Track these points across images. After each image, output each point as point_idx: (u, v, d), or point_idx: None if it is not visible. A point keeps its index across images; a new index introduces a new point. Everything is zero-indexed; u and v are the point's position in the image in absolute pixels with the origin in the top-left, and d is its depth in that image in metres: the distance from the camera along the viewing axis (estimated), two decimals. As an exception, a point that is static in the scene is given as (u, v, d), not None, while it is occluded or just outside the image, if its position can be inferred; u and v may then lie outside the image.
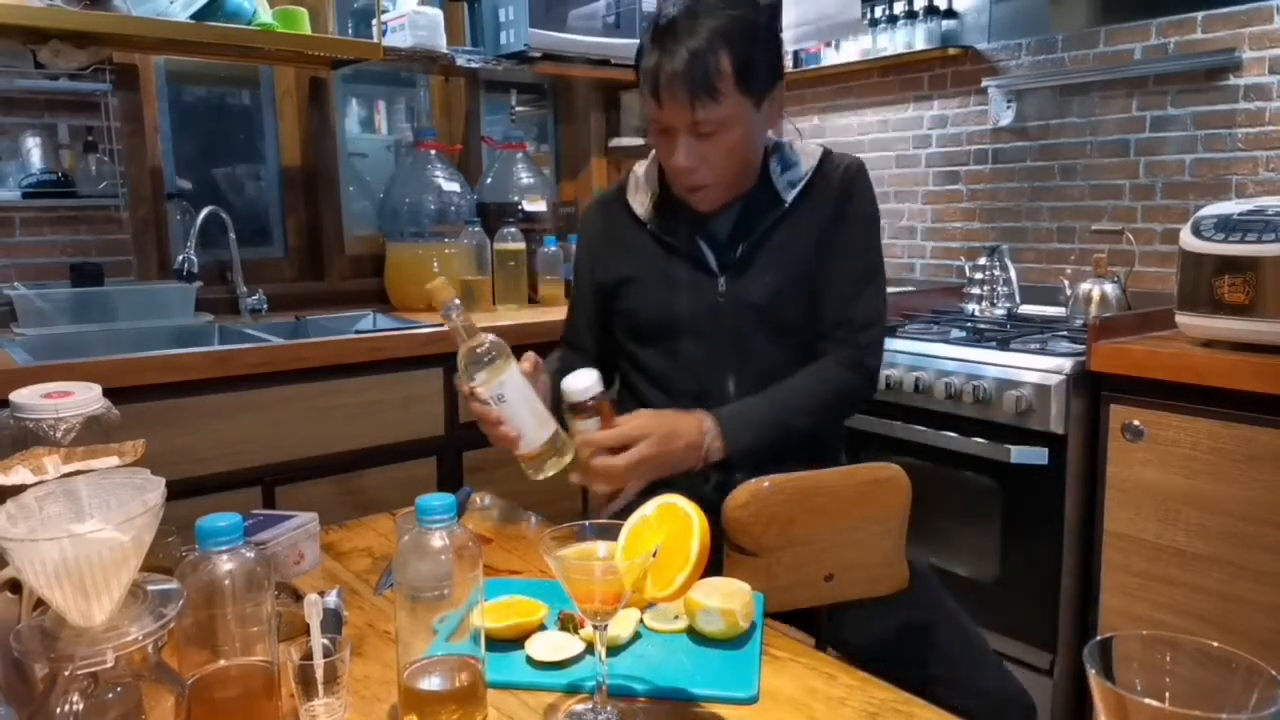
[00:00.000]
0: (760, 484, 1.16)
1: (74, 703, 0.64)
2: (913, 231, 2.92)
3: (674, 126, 1.24)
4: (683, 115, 1.22)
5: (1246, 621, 1.66)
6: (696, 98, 1.20)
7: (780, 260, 1.32)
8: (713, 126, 1.22)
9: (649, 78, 1.23)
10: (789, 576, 1.16)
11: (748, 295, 1.31)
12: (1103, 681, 0.55)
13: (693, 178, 1.27)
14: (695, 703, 0.88)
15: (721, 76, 1.20)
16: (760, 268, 1.32)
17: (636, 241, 1.39)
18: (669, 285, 1.35)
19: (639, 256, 1.38)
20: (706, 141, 1.24)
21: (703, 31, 1.19)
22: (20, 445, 0.85)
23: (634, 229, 1.40)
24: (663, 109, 1.23)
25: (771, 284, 1.31)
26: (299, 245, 2.76)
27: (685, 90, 1.19)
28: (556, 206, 2.87)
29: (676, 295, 1.34)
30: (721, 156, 1.25)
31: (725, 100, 1.21)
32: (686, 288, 1.34)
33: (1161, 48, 2.30)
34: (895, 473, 1.23)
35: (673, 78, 1.19)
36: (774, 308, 1.31)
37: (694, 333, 1.34)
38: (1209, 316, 1.71)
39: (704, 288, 1.33)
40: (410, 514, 0.87)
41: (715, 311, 1.33)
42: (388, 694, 0.89)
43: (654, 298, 1.36)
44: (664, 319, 1.35)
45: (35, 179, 2.20)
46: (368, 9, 2.46)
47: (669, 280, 1.35)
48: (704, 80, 1.19)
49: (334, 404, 2.01)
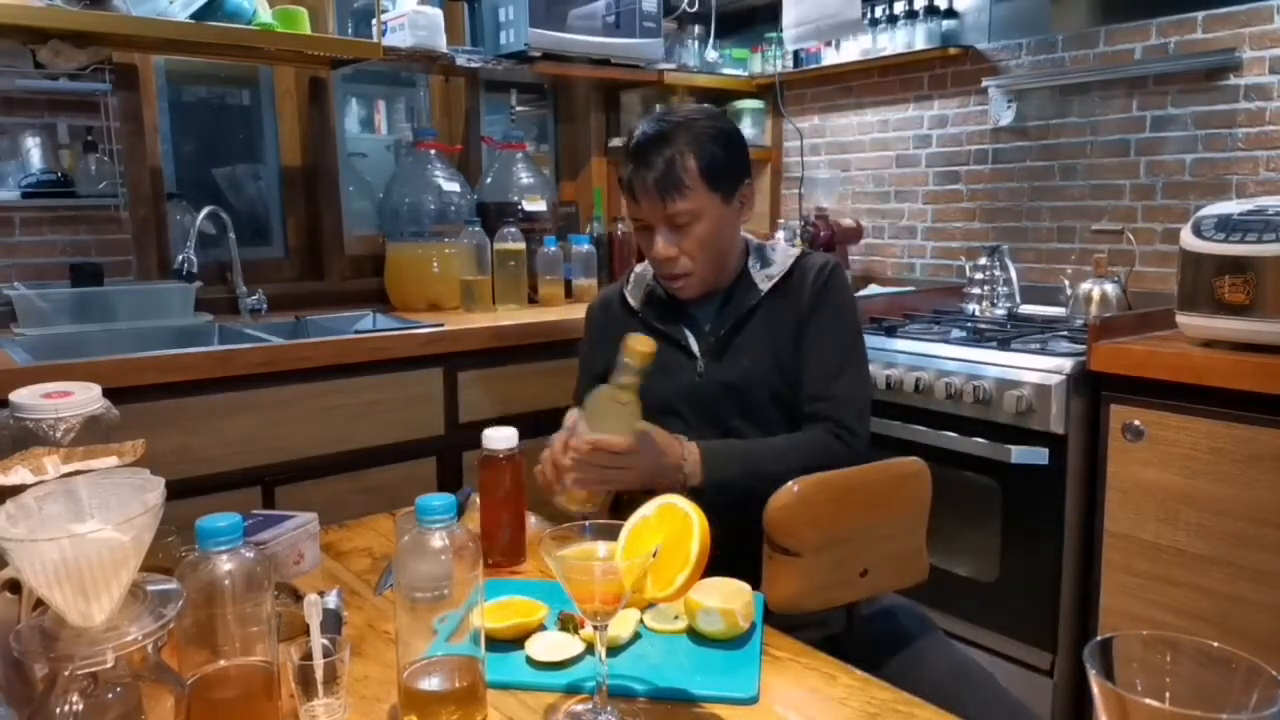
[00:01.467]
0: (802, 484, 1.18)
1: (74, 703, 0.64)
2: (913, 231, 2.92)
3: (651, 222, 1.40)
4: (657, 210, 1.38)
5: (1246, 621, 1.66)
6: (666, 193, 1.36)
7: (754, 345, 1.43)
8: (685, 218, 1.38)
9: (627, 184, 1.41)
10: (828, 575, 1.18)
11: (723, 376, 1.43)
12: (1103, 682, 0.55)
13: (672, 266, 1.41)
14: (695, 703, 0.88)
15: (688, 174, 1.36)
16: (736, 352, 1.44)
17: (628, 330, 1.47)
18: (654, 369, 1.40)
19: None
20: (681, 233, 1.39)
21: (672, 139, 1.37)
22: (20, 445, 0.85)
23: (629, 320, 1.52)
24: (640, 206, 1.40)
25: (746, 366, 1.42)
26: (299, 245, 2.76)
27: (656, 189, 1.36)
28: (556, 206, 2.87)
29: (661, 378, 1.42)
30: (695, 246, 1.39)
31: (692, 195, 1.37)
32: (670, 370, 1.44)
33: (1162, 48, 2.30)
34: (920, 466, 1.30)
35: (646, 179, 1.37)
36: (746, 388, 1.42)
37: (676, 412, 1.43)
38: (1209, 316, 1.71)
39: (685, 369, 1.45)
40: (410, 514, 0.88)
41: (694, 391, 1.44)
42: (388, 694, 0.89)
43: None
44: (652, 402, 1.41)
45: (35, 179, 2.20)
46: (368, 9, 2.46)
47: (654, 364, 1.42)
48: (673, 178, 1.36)
49: (334, 404, 2.01)
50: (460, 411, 2.20)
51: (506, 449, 1.20)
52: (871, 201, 3.02)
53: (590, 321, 1.61)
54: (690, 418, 1.42)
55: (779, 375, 1.42)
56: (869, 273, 3.04)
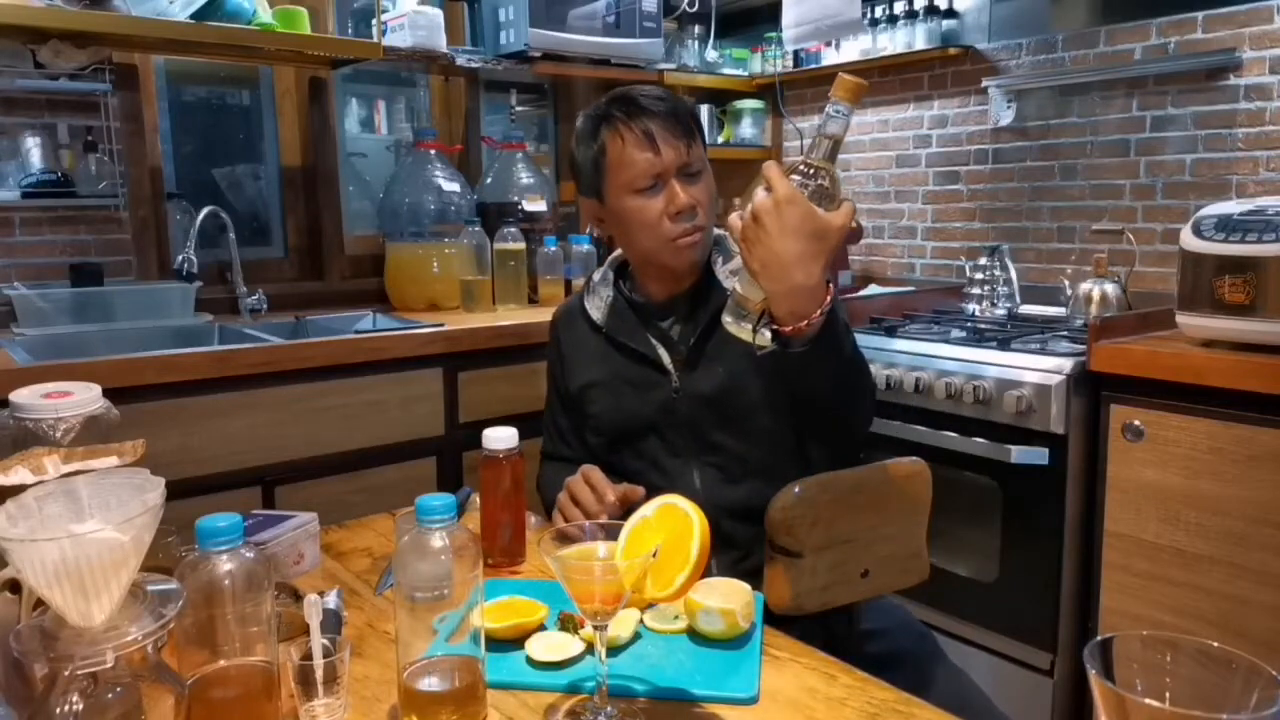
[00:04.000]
0: (803, 484, 1.17)
1: (74, 703, 0.64)
2: (913, 231, 2.92)
3: (668, 171, 1.31)
4: (679, 154, 1.31)
5: (1246, 621, 1.66)
6: (689, 134, 1.32)
7: (729, 349, 1.32)
8: (698, 165, 1.33)
9: (637, 133, 1.30)
10: (829, 575, 1.18)
11: (699, 389, 1.35)
12: (1103, 681, 0.55)
13: (693, 215, 1.32)
14: (695, 703, 0.88)
15: (695, 123, 1.34)
16: (710, 360, 1.35)
17: (594, 347, 1.44)
18: (627, 387, 1.39)
19: (597, 362, 1.43)
20: (694, 182, 1.33)
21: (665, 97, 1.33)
22: (20, 445, 0.85)
23: (592, 335, 1.45)
24: (661, 153, 1.30)
25: (722, 374, 1.34)
26: (299, 245, 2.76)
27: (681, 127, 1.31)
28: (556, 206, 2.87)
29: (634, 396, 1.38)
30: (706, 198, 1.34)
31: (700, 145, 1.34)
32: (643, 388, 1.38)
33: (1162, 48, 2.30)
34: (922, 466, 1.29)
35: (662, 122, 1.30)
36: (725, 397, 1.34)
37: (655, 431, 1.37)
38: (1209, 316, 1.71)
39: (659, 386, 1.37)
40: (410, 514, 0.87)
41: (671, 408, 1.36)
42: (388, 694, 0.89)
43: (613, 401, 1.41)
44: (625, 421, 1.39)
45: (35, 179, 2.20)
46: (368, 9, 2.46)
47: (626, 382, 1.39)
48: (686, 120, 1.32)
49: (334, 404, 2.01)
50: (460, 411, 2.20)
51: (506, 449, 1.19)
52: (871, 201, 3.02)
53: (553, 334, 1.53)
54: (670, 436, 1.36)
55: (758, 376, 1.32)
56: (869, 273, 3.04)
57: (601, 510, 1.24)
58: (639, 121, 1.30)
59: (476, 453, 1.21)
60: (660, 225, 1.32)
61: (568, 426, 1.50)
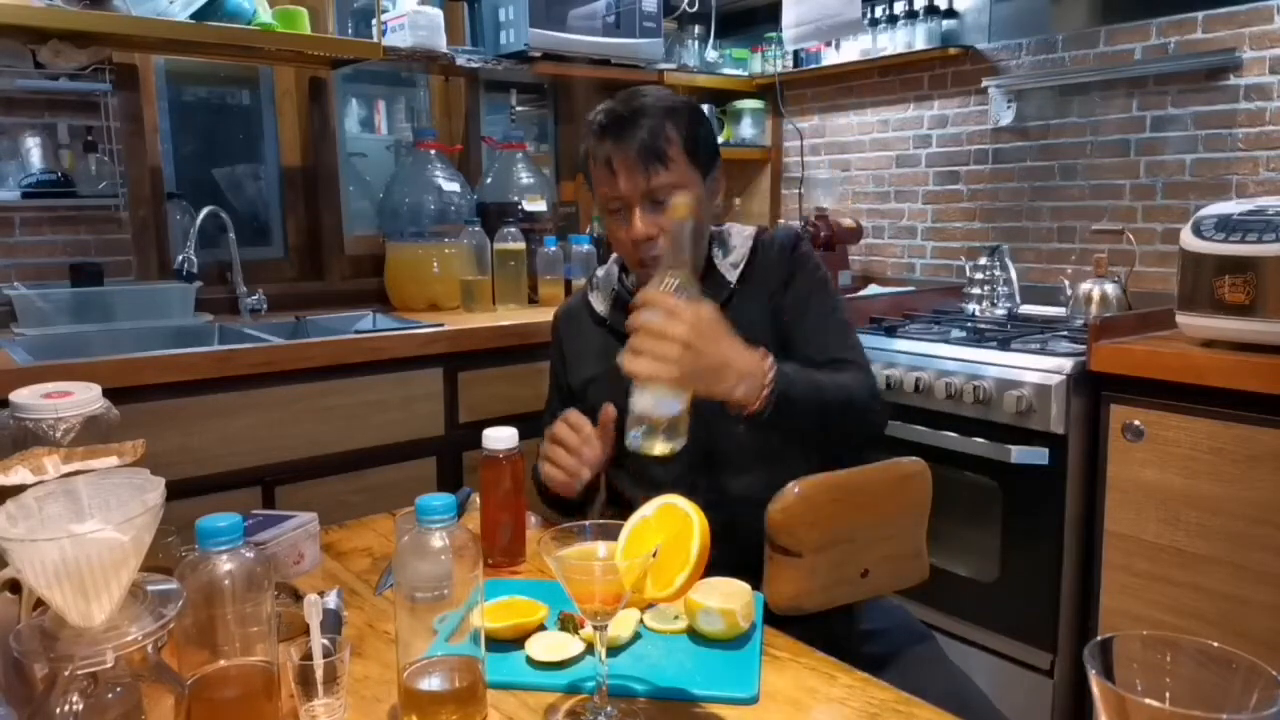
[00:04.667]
0: (803, 484, 1.17)
1: (74, 703, 0.64)
2: (913, 231, 2.92)
3: (629, 199, 1.32)
4: (638, 184, 1.31)
5: (1246, 621, 1.66)
6: (650, 164, 1.30)
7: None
8: (665, 192, 1.31)
9: (603, 161, 1.32)
10: (829, 575, 1.18)
11: None
12: (1103, 681, 0.55)
13: (651, 247, 1.32)
14: (695, 703, 0.88)
15: (670, 144, 1.31)
16: None
17: (598, 341, 1.45)
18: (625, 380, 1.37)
19: (600, 355, 1.43)
20: (660, 210, 1.31)
21: (650, 111, 1.32)
22: (20, 445, 0.85)
23: (595, 329, 1.46)
24: (618, 182, 1.31)
25: None
26: (299, 245, 2.76)
27: (640, 159, 1.30)
28: (556, 206, 2.87)
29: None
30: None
31: (674, 166, 1.31)
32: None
33: (1162, 48, 2.30)
34: (922, 466, 1.29)
35: (627, 150, 1.30)
36: None
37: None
38: (1209, 316, 1.71)
39: None
40: (410, 514, 0.88)
41: None
42: (388, 694, 0.89)
43: (613, 394, 1.38)
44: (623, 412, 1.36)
45: (35, 179, 2.20)
46: (368, 9, 2.46)
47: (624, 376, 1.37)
48: (655, 148, 1.30)
49: (334, 404, 2.01)
50: (460, 411, 2.20)
51: (506, 449, 1.19)
52: (871, 201, 3.02)
53: (555, 333, 1.54)
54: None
55: None
56: (869, 273, 3.04)
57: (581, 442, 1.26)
58: (604, 145, 1.33)
59: (476, 453, 1.21)
60: (625, 248, 1.37)
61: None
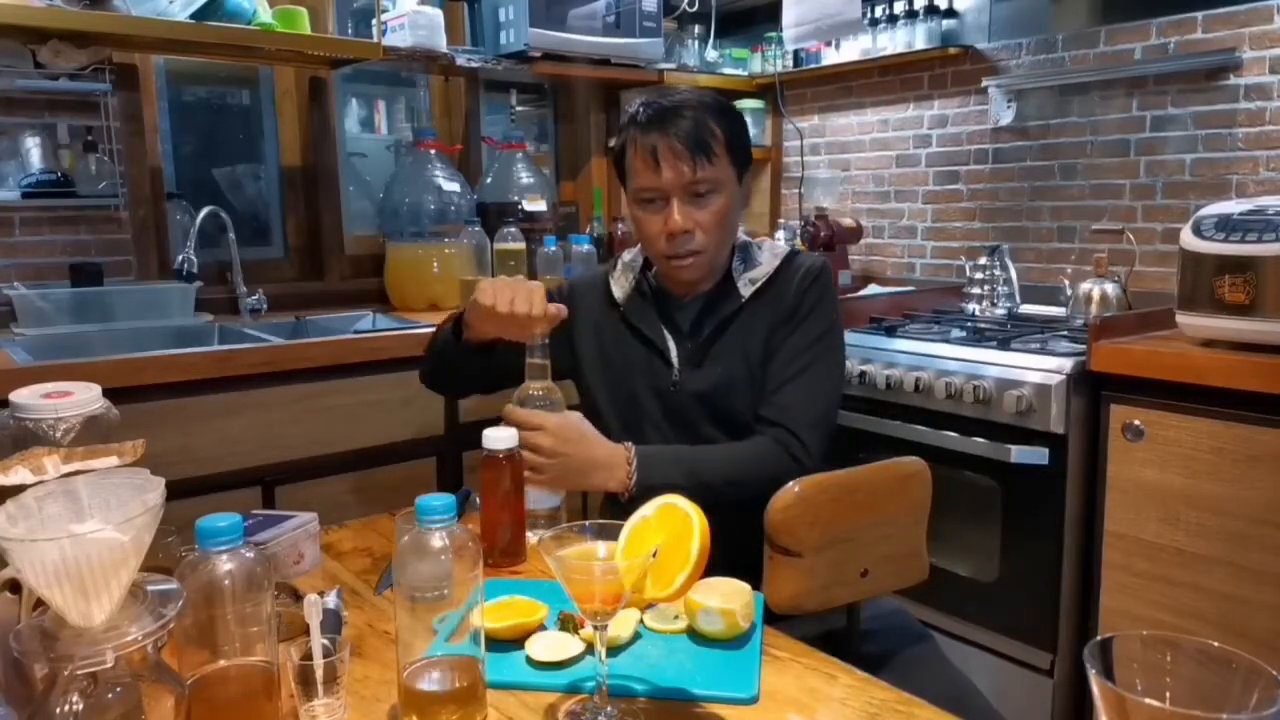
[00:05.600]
0: (803, 484, 1.17)
1: (74, 703, 0.64)
2: (913, 231, 2.92)
3: (669, 191, 1.32)
4: (681, 176, 1.31)
5: (1246, 621, 1.66)
6: (696, 156, 1.30)
7: (729, 354, 1.38)
8: (706, 187, 1.32)
9: (646, 151, 1.32)
10: (829, 575, 1.18)
11: (696, 385, 1.39)
12: (1103, 681, 0.55)
13: (687, 241, 1.33)
14: (695, 703, 0.88)
15: (716, 140, 1.32)
16: (712, 360, 1.39)
17: (609, 323, 1.48)
18: (629, 369, 1.43)
19: (608, 337, 1.46)
20: (699, 203, 1.33)
21: (695, 105, 1.33)
22: (20, 445, 0.85)
23: (609, 311, 1.48)
24: (661, 173, 1.31)
25: (720, 375, 1.38)
26: (299, 245, 2.76)
27: (687, 150, 1.30)
28: (556, 206, 2.87)
29: (635, 379, 1.42)
30: (712, 220, 1.34)
31: (718, 161, 1.32)
32: (644, 373, 1.42)
33: (1162, 48, 2.30)
34: (921, 466, 1.29)
35: (673, 140, 1.30)
36: (720, 398, 1.38)
37: (649, 417, 1.40)
38: (1209, 316, 1.71)
39: (660, 375, 1.41)
40: (410, 514, 0.87)
41: (667, 399, 1.40)
42: (388, 694, 0.89)
43: (614, 380, 1.44)
44: (622, 402, 1.43)
45: (35, 179, 2.20)
46: (368, 9, 2.46)
47: (630, 364, 1.43)
48: (702, 141, 1.30)
49: (334, 404, 2.01)
50: (460, 411, 2.20)
51: (506, 449, 1.19)
52: (871, 201, 3.02)
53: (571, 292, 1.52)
54: (663, 424, 1.40)
55: (750, 385, 1.37)
56: (869, 273, 3.04)
57: (529, 310, 1.26)
58: (650, 135, 1.32)
59: (476, 453, 1.21)
60: (657, 242, 1.37)
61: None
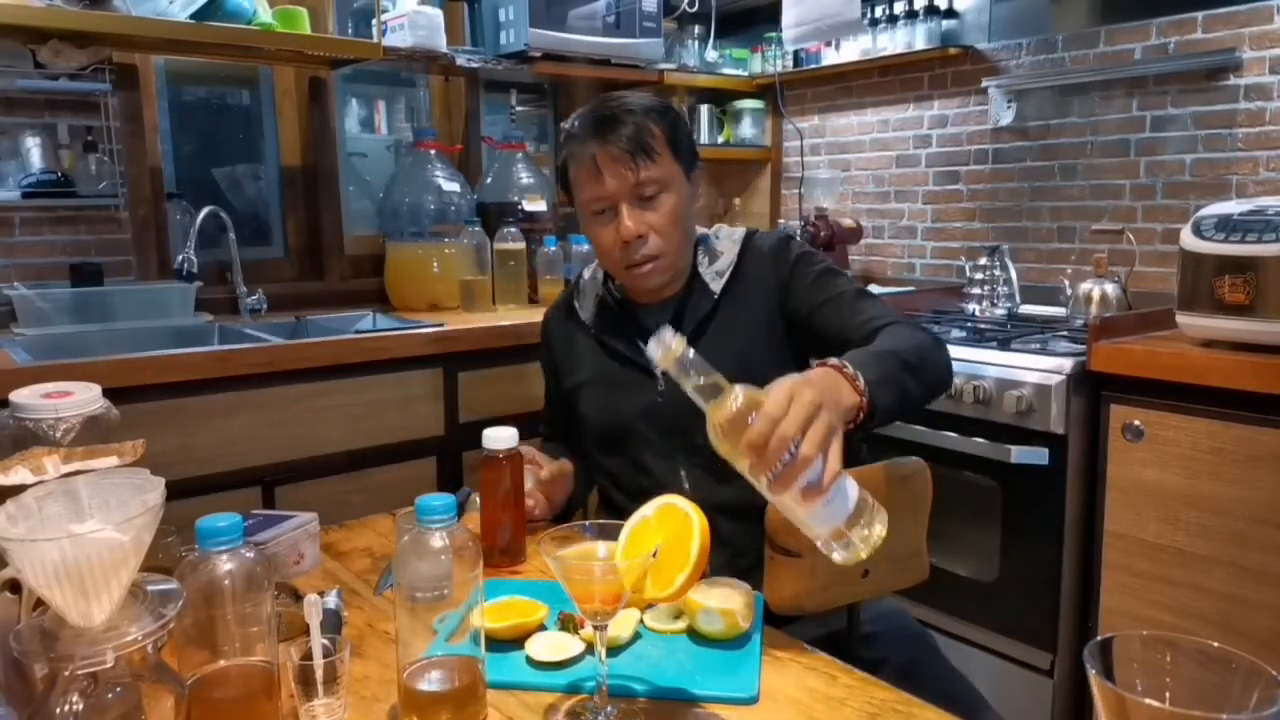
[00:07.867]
0: None
1: (74, 703, 0.64)
2: (913, 231, 2.92)
3: (616, 198, 1.30)
4: (625, 180, 1.29)
5: (1246, 621, 1.66)
6: (637, 157, 1.29)
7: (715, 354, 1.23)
8: (654, 187, 1.30)
9: (587, 162, 1.30)
10: (829, 575, 1.17)
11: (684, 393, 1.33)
12: (1103, 681, 0.55)
13: (641, 246, 1.31)
14: (695, 703, 0.88)
15: (656, 139, 1.30)
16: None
17: (584, 348, 1.46)
18: (613, 389, 1.40)
19: (587, 363, 1.44)
20: (649, 206, 1.31)
21: (631, 110, 1.31)
22: (20, 445, 0.85)
23: (582, 336, 1.46)
24: (604, 181, 1.30)
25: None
26: (299, 245, 2.76)
27: (627, 153, 1.28)
28: (556, 206, 2.87)
29: (620, 398, 1.39)
30: (664, 220, 1.31)
31: (661, 161, 1.30)
32: (628, 390, 1.38)
33: (1162, 48, 2.30)
34: (921, 466, 1.29)
35: (612, 147, 1.28)
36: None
37: (642, 434, 1.37)
38: (1209, 316, 1.71)
39: (644, 388, 1.37)
40: (410, 514, 0.88)
41: (656, 410, 1.36)
42: (388, 694, 0.89)
43: (601, 402, 1.42)
44: (612, 422, 1.40)
45: (35, 179, 2.20)
46: (368, 9, 2.46)
47: (613, 384, 1.41)
48: (641, 142, 1.29)
49: (334, 404, 2.01)
50: (460, 411, 2.20)
51: (506, 449, 1.19)
52: (871, 201, 3.02)
53: (545, 334, 1.54)
54: (654, 438, 1.36)
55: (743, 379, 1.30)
56: (869, 273, 3.04)
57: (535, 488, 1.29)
58: (588, 145, 1.31)
59: (476, 453, 1.21)
60: (613, 253, 1.34)
61: (560, 417, 1.52)
